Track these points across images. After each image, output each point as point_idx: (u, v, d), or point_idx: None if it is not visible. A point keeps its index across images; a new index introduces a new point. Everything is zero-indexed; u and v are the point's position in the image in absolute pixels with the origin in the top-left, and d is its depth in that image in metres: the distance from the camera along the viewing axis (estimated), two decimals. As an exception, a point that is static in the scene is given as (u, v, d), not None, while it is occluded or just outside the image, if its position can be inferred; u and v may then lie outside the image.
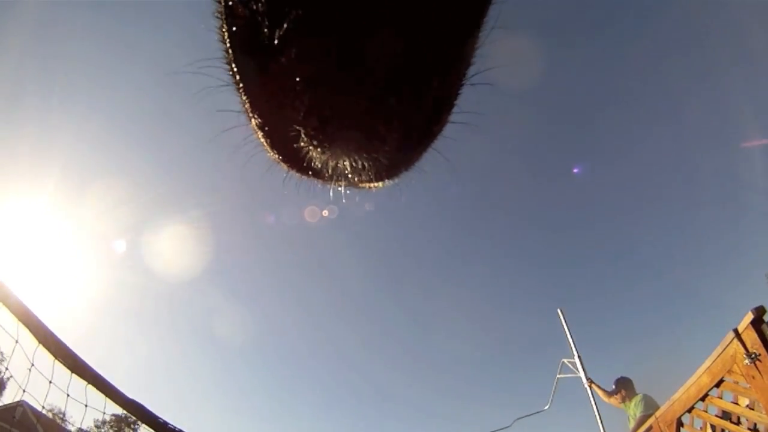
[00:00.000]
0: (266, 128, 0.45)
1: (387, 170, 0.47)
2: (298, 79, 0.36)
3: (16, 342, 2.63)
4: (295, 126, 0.41)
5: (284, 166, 0.50)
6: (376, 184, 0.51)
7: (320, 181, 0.51)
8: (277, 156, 0.49)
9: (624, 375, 5.68)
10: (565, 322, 7.55)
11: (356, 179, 0.48)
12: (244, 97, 0.44)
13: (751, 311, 2.82)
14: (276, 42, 0.35)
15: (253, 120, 0.45)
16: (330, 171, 0.47)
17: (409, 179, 0.52)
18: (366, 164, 0.44)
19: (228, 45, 0.41)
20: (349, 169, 0.46)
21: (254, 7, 0.35)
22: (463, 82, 0.44)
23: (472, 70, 0.44)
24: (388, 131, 0.40)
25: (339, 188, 0.53)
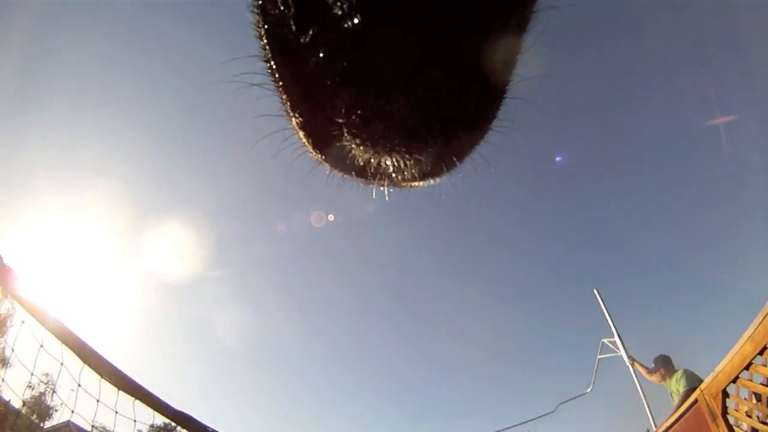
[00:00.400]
0: (308, 127, 0.45)
1: (431, 169, 0.46)
2: (340, 76, 0.36)
3: (62, 364, 2.70)
4: (337, 124, 0.40)
5: (326, 166, 0.50)
6: (419, 183, 0.51)
7: (363, 180, 0.51)
8: (319, 155, 0.48)
9: (662, 353, 5.59)
10: (602, 301, 7.47)
11: (399, 178, 0.48)
12: (284, 96, 0.43)
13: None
14: (317, 38, 0.34)
15: (293, 119, 0.45)
16: (373, 170, 0.46)
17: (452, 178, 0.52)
18: (409, 163, 0.44)
19: (265, 42, 0.40)
20: (392, 167, 0.45)
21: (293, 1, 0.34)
22: (508, 87, 0.43)
23: (514, 77, 0.43)
24: (433, 131, 0.40)
25: (381, 187, 0.52)
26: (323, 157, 0.48)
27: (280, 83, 0.42)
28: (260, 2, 0.38)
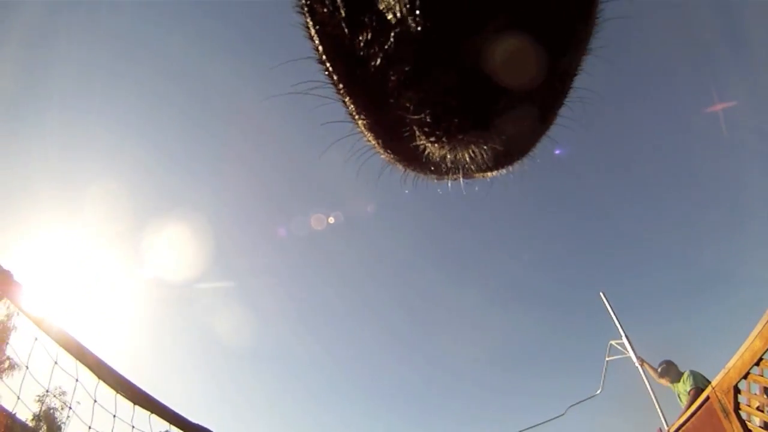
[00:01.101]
0: (377, 128, 0.44)
1: (505, 157, 0.46)
2: (405, 75, 0.35)
3: (77, 380, 2.71)
4: (406, 123, 0.39)
5: (400, 165, 0.49)
6: (493, 173, 0.50)
7: (437, 176, 0.50)
8: (391, 155, 0.47)
9: (666, 359, 5.59)
10: (609, 304, 7.48)
11: (474, 168, 0.47)
12: (347, 99, 0.42)
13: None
14: (376, 38, 0.34)
15: (360, 122, 0.44)
16: (449, 164, 0.46)
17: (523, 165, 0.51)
18: (485, 154, 0.43)
19: (319, 45, 0.39)
20: (468, 160, 0.44)
21: None
22: (574, 79, 0.43)
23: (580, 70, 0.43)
24: (504, 121, 0.39)
25: (456, 180, 0.51)
26: (396, 157, 0.47)
27: (341, 86, 0.41)
28: (308, 2, 0.37)
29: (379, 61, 0.35)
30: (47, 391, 2.76)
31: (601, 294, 7.75)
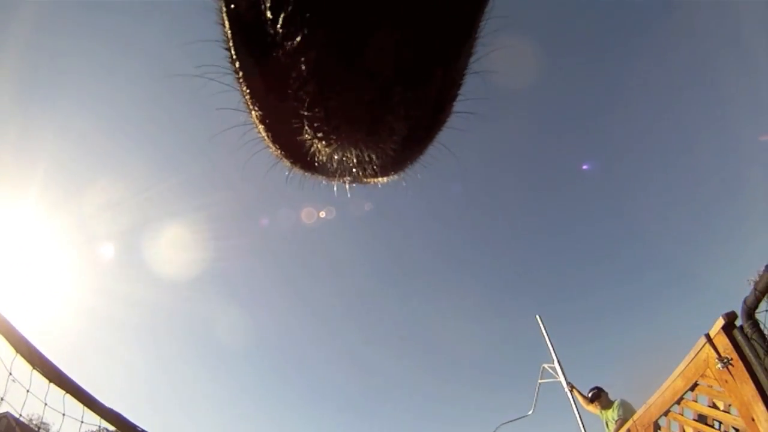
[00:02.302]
0: (268, 121, 0.43)
1: (393, 163, 0.46)
2: (302, 68, 0.35)
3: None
4: (298, 117, 0.39)
5: (286, 162, 0.48)
6: (381, 179, 0.50)
7: (324, 177, 0.49)
8: (279, 151, 0.47)
9: (597, 386, 5.82)
10: (544, 328, 7.71)
11: (361, 173, 0.47)
12: (245, 88, 0.42)
13: (722, 317, 2.90)
14: (280, 29, 0.34)
15: (253, 112, 0.43)
16: (335, 165, 0.45)
17: (410, 174, 0.51)
18: (372, 156, 0.43)
19: (228, 30, 0.39)
20: (354, 161, 0.44)
21: None
22: (466, 70, 0.43)
23: (474, 59, 0.43)
24: (395, 120, 0.39)
25: (343, 184, 0.51)
26: (283, 153, 0.47)
27: (241, 74, 0.40)
28: None
29: (285, 51, 0.34)
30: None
31: (538, 317, 7.98)
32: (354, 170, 0.46)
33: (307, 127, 0.40)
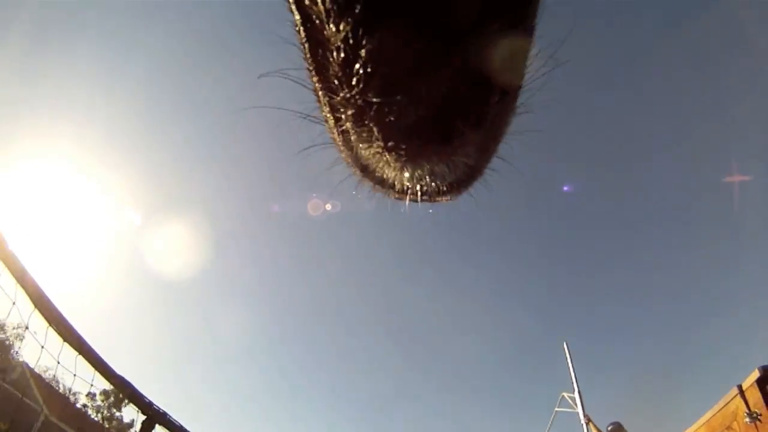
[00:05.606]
0: (339, 126, 0.43)
1: (462, 180, 0.46)
2: (375, 91, 0.34)
3: (14, 304, 2.63)
4: (367, 125, 0.38)
5: (359, 174, 0.49)
6: (451, 196, 0.49)
7: (394, 193, 0.50)
8: (355, 168, 0.48)
9: (617, 421, 5.60)
10: (570, 355, 7.45)
11: (432, 190, 0.46)
12: (326, 104, 0.41)
13: (758, 369, 2.73)
14: (349, 37, 0.33)
15: (333, 129, 0.44)
16: (406, 182, 0.45)
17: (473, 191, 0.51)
18: (444, 171, 0.42)
19: (303, 34, 0.38)
20: (415, 179, 0.44)
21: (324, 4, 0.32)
22: (521, 91, 0.42)
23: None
24: (467, 128, 0.38)
25: (416, 202, 0.50)
26: (359, 170, 0.48)
27: (313, 67, 0.40)
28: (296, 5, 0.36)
29: (346, 58, 0.34)
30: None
31: (564, 344, 7.74)
32: (424, 186, 0.45)
33: (377, 135, 0.39)
